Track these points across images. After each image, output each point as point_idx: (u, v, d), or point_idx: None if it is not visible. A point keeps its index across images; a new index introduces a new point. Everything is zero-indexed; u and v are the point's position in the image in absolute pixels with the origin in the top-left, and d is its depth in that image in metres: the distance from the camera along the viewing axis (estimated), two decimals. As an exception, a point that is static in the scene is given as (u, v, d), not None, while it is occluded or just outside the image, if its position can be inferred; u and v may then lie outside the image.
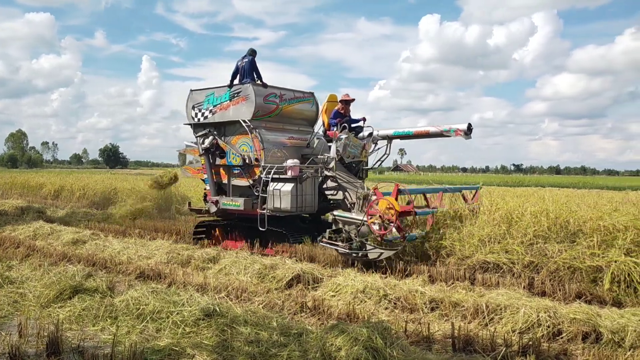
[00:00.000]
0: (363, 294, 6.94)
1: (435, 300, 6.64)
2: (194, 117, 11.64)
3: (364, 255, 8.68)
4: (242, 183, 10.88)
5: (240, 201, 10.57)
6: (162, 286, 6.86)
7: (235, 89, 10.95)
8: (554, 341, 5.47)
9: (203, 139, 11.17)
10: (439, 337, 5.60)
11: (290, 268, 7.90)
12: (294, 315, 6.33)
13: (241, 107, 10.76)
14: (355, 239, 8.85)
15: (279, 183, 9.96)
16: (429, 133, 10.10)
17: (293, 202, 9.75)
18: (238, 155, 10.77)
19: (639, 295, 6.88)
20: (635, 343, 5.24)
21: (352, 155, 10.42)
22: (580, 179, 51.76)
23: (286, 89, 11.41)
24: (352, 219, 9.27)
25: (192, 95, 11.73)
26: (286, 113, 11.35)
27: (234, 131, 10.99)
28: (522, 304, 6.11)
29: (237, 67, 11.08)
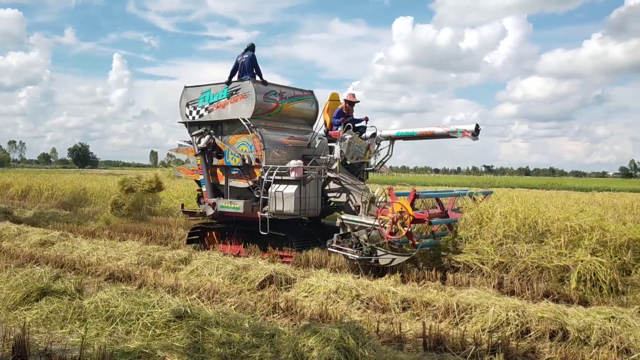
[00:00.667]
0: (336, 295, 6.95)
1: (407, 300, 6.70)
2: (188, 115, 11.15)
3: (375, 261, 8.33)
4: (241, 184, 10.45)
5: (240, 203, 10.11)
6: (133, 288, 6.76)
7: (233, 86, 10.47)
8: (523, 339, 5.56)
9: (199, 138, 10.68)
10: (410, 337, 5.64)
11: (263, 269, 7.87)
12: (267, 316, 6.31)
13: (240, 105, 10.30)
14: (365, 245, 8.45)
15: (281, 185, 9.55)
16: (435, 134, 9.80)
17: (296, 205, 9.35)
18: (237, 155, 10.33)
19: (605, 294, 7.06)
20: (601, 341, 5.36)
21: (356, 156, 10.15)
22: (549, 180, 52.96)
23: (286, 87, 11.04)
24: (362, 223, 8.86)
25: (186, 92, 11.23)
26: (286, 112, 10.94)
27: (232, 130, 10.54)
28: (492, 303, 6.20)
29: (237, 63, 10.64)
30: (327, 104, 11.26)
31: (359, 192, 9.64)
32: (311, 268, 8.72)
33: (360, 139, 10.32)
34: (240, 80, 10.44)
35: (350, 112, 10.80)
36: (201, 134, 10.68)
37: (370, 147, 10.49)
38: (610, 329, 5.51)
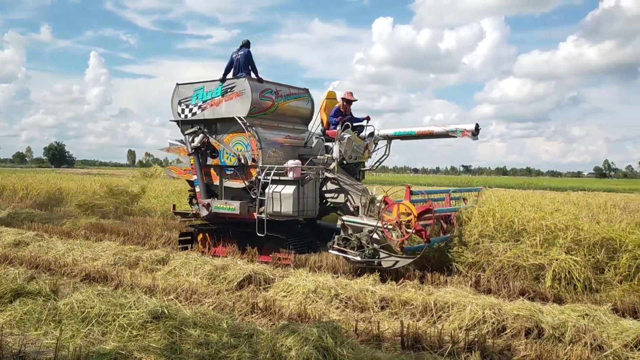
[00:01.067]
0: (314, 294, 6.96)
1: (385, 299, 6.73)
2: (181, 114, 10.85)
3: (378, 263, 8.14)
4: (236, 185, 10.19)
5: (236, 204, 9.80)
6: (109, 288, 6.69)
7: (228, 83, 10.21)
8: (499, 337, 5.63)
9: (192, 137, 10.35)
10: (388, 335, 5.67)
11: (242, 269, 7.84)
12: (245, 316, 6.29)
13: (235, 103, 10.05)
14: (367, 247, 8.24)
15: (279, 185, 9.29)
16: (433, 133, 9.68)
17: (294, 206, 9.10)
18: (233, 155, 10.04)
19: (579, 292, 7.18)
20: (575, 338, 5.45)
21: (354, 155, 9.97)
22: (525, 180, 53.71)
23: (282, 85, 10.80)
24: (364, 224, 8.67)
25: (178, 90, 10.92)
26: (281, 110, 10.69)
27: (226, 129, 10.26)
28: (469, 301, 6.28)
29: (232, 60, 10.37)
30: (324, 103, 11.04)
31: (357, 192, 9.46)
32: (290, 268, 8.71)
33: (359, 138, 10.16)
34: (235, 78, 10.19)
35: (348, 110, 10.60)
36: (194, 133, 10.38)
37: (368, 147, 10.34)
38: (584, 326, 5.61)
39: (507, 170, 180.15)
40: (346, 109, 10.56)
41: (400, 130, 10.19)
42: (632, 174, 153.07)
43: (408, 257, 8.02)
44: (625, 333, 5.48)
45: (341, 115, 10.32)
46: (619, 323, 5.77)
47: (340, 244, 8.55)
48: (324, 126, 10.76)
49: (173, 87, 11.04)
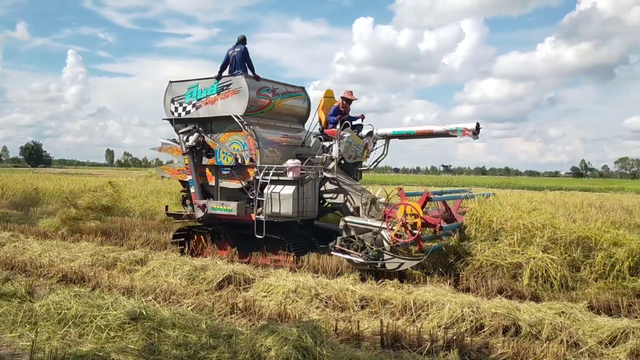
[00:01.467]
0: (295, 294, 6.95)
1: (365, 298, 6.76)
2: (174, 112, 10.52)
3: (381, 265, 7.97)
4: (233, 185, 9.91)
5: (233, 205, 9.52)
6: (86, 290, 6.60)
7: (224, 81, 9.91)
8: (477, 335, 5.69)
9: (187, 136, 10.04)
10: (368, 334, 5.69)
11: (222, 269, 7.81)
12: (225, 316, 6.26)
13: (232, 101, 9.75)
14: (371, 248, 8.06)
15: (278, 185, 9.06)
16: (433, 132, 9.54)
17: (294, 207, 8.88)
18: (229, 154, 9.75)
19: (555, 290, 7.28)
20: (551, 335, 5.53)
21: (353, 155, 9.81)
22: (504, 179, 54.44)
23: (278, 83, 10.52)
24: (368, 225, 8.45)
25: (171, 88, 10.60)
26: (278, 109, 10.42)
27: (222, 128, 10.00)
28: (448, 300, 6.33)
29: (228, 57, 10.11)
30: (322, 101, 10.81)
31: (357, 193, 9.30)
32: (270, 268, 8.69)
33: (358, 137, 10.03)
34: (232, 75, 9.93)
35: (347, 109, 10.42)
36: (189, 132, 10.07)
37: (367, 146, 10.21)
38: (560, 323, 5.69)
39: (486, 170, 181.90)
40: (345, 108, 10.41)
41: (399, 129, 10.09)
42: (607, 173, 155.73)
43: (413, 259, 7.87)
44: (600, 330, 5.56)
45: (340, 114, 10.19)
46: (594, 320, 5.86)
47: (343, 245, 8.38)
48: (322, 125, 10.58)
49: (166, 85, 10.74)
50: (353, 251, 8.23)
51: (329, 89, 11.00)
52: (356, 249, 8.21)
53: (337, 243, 8.45)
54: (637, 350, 5.13)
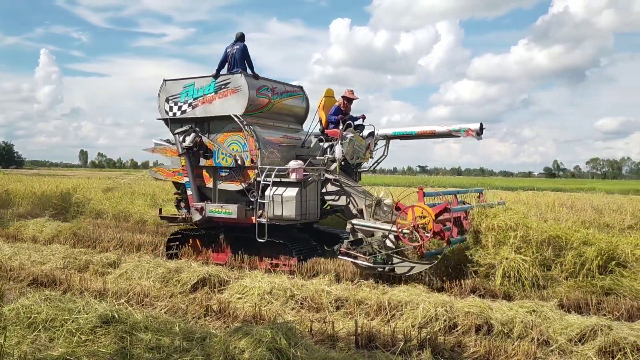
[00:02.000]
0: (270, 295, 6.94)
1: (340, 298, 6.77)
2: (169, 112, 10.20)
3: (390, 269, 7.76)
4: (232, 187, 9.60)
5: (233, 208, 9.21)
6: (57, 293, 6.47)
7: (222, 79, 9.62)
8: (450, 334, 5.75)
9: (184, 136, 9.70)
10: (343, 335, 5.71)
11: (196, 271, 7.74)
12: (199, 319, 6.22)
13: (230, 101, 9.47)
14: (380, 252, 7.79)
15: (280, 187, 8.82)
16: (435, 133, 9.45)
17: (297, 209, 8.63)
18: (229, 155, 9.46)
19: (527, 289, 7.40)
20: (522, 334, 5.62)
21: (356, 156, 9.63)
22: (479, 180, 55.11)
23: (277, 82, 10.24)
24: (376, 228, 8.19)
25: (165, 87, 10.26)
26: (277, 108, 10.14)
27: (220, 128, 9.70)
28: (422, 299, 6.38)
29: (226, 55, 9.80)
30: (322, 101, 10.58)
31: (359, 194, 9.09)
32: (245, 269, 8.65)
33: (361, 138, 9.85)
34: (230, 73, 9.65)
35: (348, 109, 10.25)
36: (186, 132, 9.75)
37: (369, 147, 10.04)
38: (531, 321, 5.78)
39: (461, 171, 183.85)
40: (346, 107, 10.23)
41: (400, 130, 9.96)
42: (579, 174, 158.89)
43: (424, 262, 7.66)
44: (570, 328, 5.66)
45: (341, 114, 10.02)
46: (564, 318, 5.96)
47: (350, 248, 8.09)
48: (323, 125, 10.37)
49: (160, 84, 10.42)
50: (360, 255, 7.93)
51: (329, 88, 10.81)
52: (364, 253, 7.92)
53: (343, 246, 8.17)
54: (605, 347, 5.23)
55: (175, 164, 10.18)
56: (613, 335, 5.31)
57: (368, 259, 7.80)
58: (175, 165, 10.15)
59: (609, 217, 13.05)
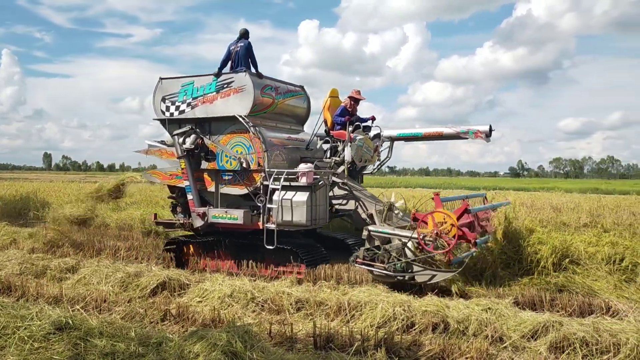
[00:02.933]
0: (231, 298, 6.93)
1: (301, 300, 6.80)
2: (165, 112, 9.69)
3: (410, 278, 7.44)
4: (235, 191, 9.14)
5: (239, 213, 8.76)
6: (10, 300, 6.36)
7: (225, 78, 9.17)
8: (408, 333, 5.83)
9: (183, 137, 9.23)
10: (302, 337, 5.74)
11: (156, 275, 7.67)
12: (157, 324, 6.16)
13: (234, 100, 9.02)
14: (399, 259, 7.47)
15: (289, 192, 8.40)
16: (443, 135, 9.26)
17: (308, 215, 8.23)
18: (234, 158, 8.99)
19: (482, 286, 7.55)
20: (477, 331, 5.75)
21: (364, 158, 9.32)
22: (446, 180, 55.90)
23: (280, 81, 9.87)
24: (396, 235, 7.88)
25: (161, 85, 9.75)
26: (280, 109, 9.72)
27: (222, 129, 9.22)
28: (381, 299, 6.46)
29: (229, 52, 9.40)
30: (327, 101, 10.23)
31: (368, 199, 8.84)
32: (206, 272, 8.60)
33: (369, 140, 9.54)
34: (234, 72, 9.23)
35: (354, 110, 9.97)
36: (185, 133, 9.27)
37: (377, 149, 9.75)
38: (486, 319, 5.92)
39: (429, 171, 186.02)
40: (353, 108, 9.93)
41: (405, 131, 9.76)
42: (543, 173, 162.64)
43: (447, 271, 7.38)
44: (523, 324, 5.81)
45: (348, 115, 9.73)
46: (518, 315, 6.11)
47: (366, 256, 7.74)
48: (328, 126, 10.03)
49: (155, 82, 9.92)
50: (379, 263, 7.60)
51: (334, 88, 10.48)
52: (382, 261, 7.59)
53: (360, 255, 7.81)
54: (556, 343, 5.39)
55: (173, 166, 9.67)
56: (563, 331, 5.48)
57: (387, 267, 7.48)
58: (173, 168, 9.69)
59: (566, 216, 13.40)
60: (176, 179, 9.68)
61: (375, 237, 8.08)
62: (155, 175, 10.14)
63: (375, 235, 8.07)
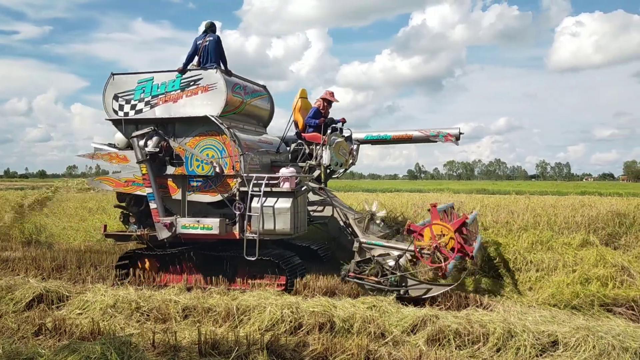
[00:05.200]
0: (114, 309, 6.68)
1: (189, 307, 6.68)
2: (118, 111, 8.76)
3: (404, 292, 7.26)
4: (206, 198, 8.39)
5: (214, 223, 8.03)
6: None
7: (191, 75, 8.47)
8: (295, 334, 5.91)
9: (145, 140, 8.31)
10: (186, 344, 5.61)
11: (32, 287, 7.20)
12: (30, 339, 5.78)
13: (202, 100, 8.34)
14: (393, 273, 7.29)
15: (269, 198, 7.83)
16: (412, 138, 9.11)
17: (292, 222, 7.72)
18: (206, 162, 8.27)
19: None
20: (361, 328, 5.93)
21: (340, 162, 8.95)
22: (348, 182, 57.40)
23: (246, 80, 9.19)
24: (391, 248, 7.65)
25: (113, 81, 8.84)
26: (247, 110, 9.09)
27: (188, 131, 8.46)
28: (270, 302, 6.49)
29: (196, 47, 8.72)
30: (298, 102, 9.65)
31: (342, 205, 8.52)
32: (88, 283, 8.20)
33: (346, 143, 9.20)
34: (201, 68, 8.54)
35: (327, 112, 9.57)
36: (146, 135, 8.36)
37: (352, 152, 9.43)
38: (369, 316, 6.13)
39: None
40: (326, 109, 9.59)
41: (373, 134, 9.54)
42: (438, 175, 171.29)
43: (443, 284, 7.26)
44: (404, 320, 6.10)
45: (322, 117, 9.38)
46: (400, 311, 6.41)
47: (357, 270, 7.54)
48: (299, 129, 9.58)
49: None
50: (372, 277, 7.41)
51: (304, 88, 10.05)
52: (376, 275, 7.40)
53: (351, 268, 7.58)
54: (432, 335, 5.70)
55: (128, 172, 8.72)
56: (439, 324, 5.81)
57: (382, 281, 7.32)
58: (130, 174, 8.72)
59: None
60: (133, 186, 8.75)
61: (366, 249, 7.81)
62: (107, 182, 9.00)
63: (367, 248, 7.82)
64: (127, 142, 8.78)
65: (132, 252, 9.06)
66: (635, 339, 5.31)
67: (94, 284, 8.05)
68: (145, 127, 8.47)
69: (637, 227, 10.73)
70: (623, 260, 8.38)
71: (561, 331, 5.52)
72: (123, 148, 8.89)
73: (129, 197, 9.04)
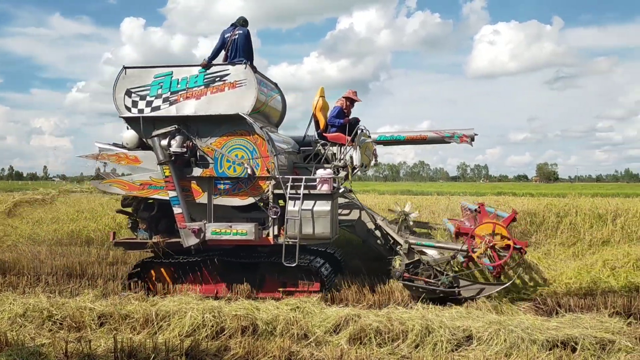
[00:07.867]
0: (23, 318, 6.36)
1: (105, 314, 6.45)
2: (132, 107, 8.04)
3: (457, 293, 7.18)
4: (236, 202, 7.90)
5: (247, 228, 7.55)
6: None
7: (217, 70, 7.91)
8: (217, 339, 5.83)
9: (168, 139, 7.73)
10: (101, 353, 5.41)
11: None
12: None
13: (230, 97, 7.79)
14: (447, 274, 7.21)
15: (306, 201, 7.43)
16: (427, 139, 8.91)
17: (332, 226, 7.36)
18: (238, 164, 7.76)
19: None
20: (285, 330, 5.94)
21: (364, 163, 8.62)
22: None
23: (264, 77, 8.63)
24: (443, 249, 7.50)
25: (126, 76, 8.09)
26: (268, 108, 8.60)
27: (213, 130, 7.90)
28: (191, 307, 6.35)
29: (224, 41, 8.17)
30: (318, 101, 9.07)
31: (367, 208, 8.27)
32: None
33: (371, 144, 8.89)
34: (229, 64, 8.00)
35: (349, 112, 9.14)
36: (169, 134, 7.78)
37: (375, 152, 9.09)
38: (293, 317, 6.15)
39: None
40: (349, 109, 9.16)
41: (386, 134, 9.27)
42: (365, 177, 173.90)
43: (496, 284, 7.21)
44: (327, 320, 6.16)
45: (346, 117, 8.93)
46: (324, 311, 6.46)
47: (407, 271, 7.39)
48: (320, 128, 9.03)
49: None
50: (425, 279, 7.30)
51: (322, 87, 9.41)
52: (428, 276, 7.31)
53: (402, 270, 7.42)
54: (354, 335, 5.79)
55: (143, 173, 8.11)
56: (361, 323, 5.91)
57: (435, 282, 7.22)
58: (145, 176, 8.07)
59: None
60: (150, 189, 8.08)
61: (416, 250, 7.68)
62: (118, 185, 8.23)
63: (417, 248, 7.68)
64: (137, 142, 8.21)
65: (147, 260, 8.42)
66: (542, 332, 5.63)
67: (2, 292, 7.58)
68: (165, 125, 7.88)
69: (546, 226, 11.33)
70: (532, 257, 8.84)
71: (475, 326, 5.77)
72: (133, 148, 8.27)
73: (138, 202, 8.37)
